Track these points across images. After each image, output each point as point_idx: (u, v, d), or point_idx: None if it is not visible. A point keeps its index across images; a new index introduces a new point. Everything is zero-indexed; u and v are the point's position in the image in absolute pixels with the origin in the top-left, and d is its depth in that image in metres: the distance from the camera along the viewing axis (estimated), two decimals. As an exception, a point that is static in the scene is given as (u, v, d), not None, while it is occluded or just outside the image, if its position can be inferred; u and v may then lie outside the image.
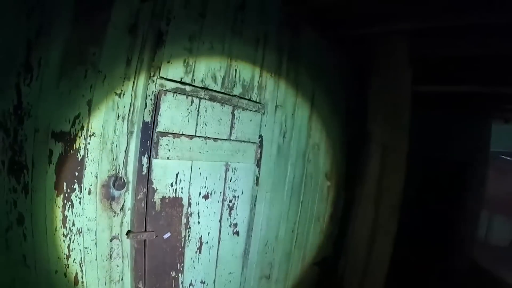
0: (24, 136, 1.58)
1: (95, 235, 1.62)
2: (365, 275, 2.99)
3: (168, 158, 1.74)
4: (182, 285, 1.98)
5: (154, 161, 1.70)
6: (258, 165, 2.31)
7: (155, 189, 1.74)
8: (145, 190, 1.70)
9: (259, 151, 2.30)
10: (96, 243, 1.63)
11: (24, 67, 1.59)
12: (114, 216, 1.68)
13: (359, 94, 3.16)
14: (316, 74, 2.77)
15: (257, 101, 2.27)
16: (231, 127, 2.07)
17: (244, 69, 2.17)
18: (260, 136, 2.30)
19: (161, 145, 1.71)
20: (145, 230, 1.74)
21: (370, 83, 3.05)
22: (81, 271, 1.60)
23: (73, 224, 1.56)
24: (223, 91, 2.03)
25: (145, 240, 1.74)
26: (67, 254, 1.57)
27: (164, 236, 1.81)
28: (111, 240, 1.68)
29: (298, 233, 2.82)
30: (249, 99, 2.20)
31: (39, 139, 1.56)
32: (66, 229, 1.56)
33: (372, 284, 2.99)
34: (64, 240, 1.56)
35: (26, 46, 1.61)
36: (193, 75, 1.87)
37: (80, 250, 1.59)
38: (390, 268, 2.91)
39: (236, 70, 2.11)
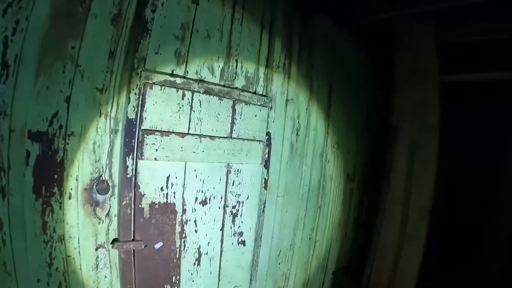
0: (0, 137, 1.48)
1: (78, 243, 1.49)
2: (391, 285, 2.68)
3: (155, 159, 1.57)
4: (180, 300, 1.81)
5: (140, 162, 1.54)
6: (267, 166, 2.08)
7: (143, 193, 1.58)
8: (131, 194, 1.54)
9: (266, 150, 2.07)
10: (79, 252, 1.50)
11: (0, 65, 1.50)
12: (99, 223, 1.54)
13: (383, 87, 2.82)
14: (333, 65, 2.49)
15: (263, 94, 2.04)
16: (232, 123, 1.87)
17: (248, 59, 1.97)
18: (268, 134, 2.07)
19: (146, 144, 1.54)
20: (133, 239, 1.58)
21: (394, 74, 2.74)
22: (65, 281, 1.48)
23: (54, 231, 1.44)
24: (222, 83, 1.83)
25: (133, 250, 1.58)
26: (49, 262, 1.45)
27: (155, 246, 1.64)
28: (96, 249, 1.54)
29: (316, 240, 2.54)
30: (253, 92, 1.98)
31: (15, 140, 1.44)
32: (46, 236, 1.43)
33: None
34: (45, 247, 1.44)
35: (3, 43, 1.51)
36: (186, 67, 1.69)
37: (63, 259, 1.47)
38: (419, 277, 2.59)
39: (237, 60, 1.91)
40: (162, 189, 1.63)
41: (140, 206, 1.58)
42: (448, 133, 2.63)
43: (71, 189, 1.45)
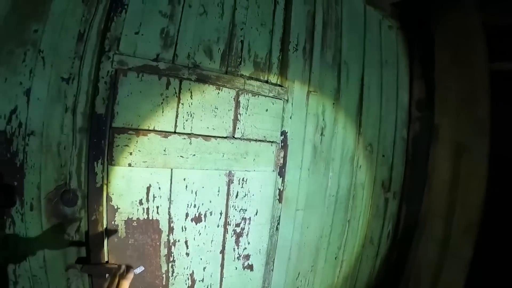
0: (-48, 137, 1.28)
1: (44, 261, 1.26)
2: None
3: (129, 165, 1.27)
4: (171, 334, 1.51)
5: (112, 168, 1.25)
6: (281, 173, 1.71)
7: (116, 207, 1.29)
8: (101, 208, 1.26)
9: (281, 154, 1.69)
10: (46, 271, 1.27)
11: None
12: (69, 239, 1.28)
13: (425, 78, 2.31)
14: (366, 50, 2.05)
15: (277, 83, 1.67)
16: (235, 119, 1.52)
17: (257, 40, 1.61)
18: (283, 133, 1.69)
19: (117, 146, 1.25)
20: (106, 262, 1.30)
21: (434, 61, 2.29)
22: (32, 303, 1.25)
23: (16, 246, 1.22)
24: (224, 69, 1.50)
25: (106, 275, 1.30)
26: (14, 280, 1.24)
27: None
28: (66, 270, 1.30)
29: (343, 259, 2.12)
30: (264, 81, 1.62)
31: (-31, 140, 1.24)
32: (8, 251, 1.22)
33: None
34: (8, 264, 1.23)
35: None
36: (175, 50, 1.38)
37: (29, 278, 1.26)
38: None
39: (242, 42, 1.56)
40: (141, 203, 1.33)
41: (113, 222, 1.29)
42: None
43: (32, 199, 1.22)
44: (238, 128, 1.53)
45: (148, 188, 1.33)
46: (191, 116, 1.39)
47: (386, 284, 2.45)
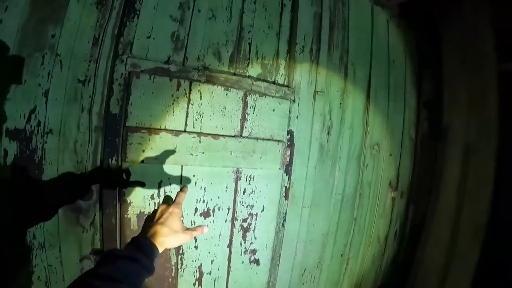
0: (-22, 135, 1.37)
1: (60, 252, 1.35)
2: None
3: (142, 162, 1.35)
4: (180, 325, 1.58)
5: (125, 165, 1.33)
6: (288, 171, 1.77)
7: (129, 202, 1.37)
8: (115, 202, 1.34)
9: (288, 152, 1.75)
10: (61, 262, 1.36)
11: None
12: (83, 232, 1.37)
13: (433, 77, 2.32)
14: (374, 51, 2.08)
15: (284, 84, 1.73)
16: (243, 119, 1.58)
17: (264, 42, 1.67)
18: (290, 132, 1.75)
19: (131, 143, 1.33)
20: (120, 254, 1.38)
21: (443, 61, 2.30)
22: (46, 292, 1.34)
23: (34, 237, 1.30)
24: (232, 71, 1.56)
25: (119, 266, 1.38)
26: (30, 270, 1.32)
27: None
28: (81, 260, 1.38)
29: (350, 257, 2.16)
30: (271, 82, 1.68)
31: (-7, 138, 1.34)
32: (26, 242, 1.31)
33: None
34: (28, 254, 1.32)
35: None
36: (185, 52, 1.45)
37: (45, 267, 1.34)
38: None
39: (250, 44, 1.62)
40: (152, 197, 1.41)
41: (126, 216, 1.37)
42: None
43: (51, 193, 1.30)
44: (245, 128, 1.59)
45: (160, 184, 1.41)
46: (200, 115, 1.46)
47: (392, 283, 2.47)
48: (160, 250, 0.85)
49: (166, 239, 0.87)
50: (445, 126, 2.32)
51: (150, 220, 0.96)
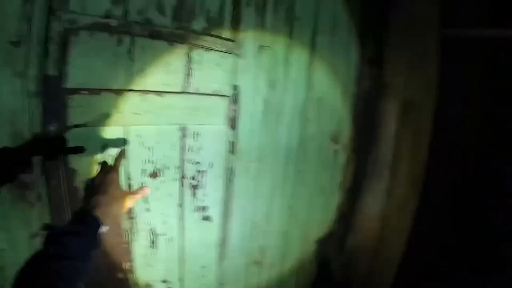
0: None
1: (10, 232, 1.26)
2: (377, 254, 2.63)
3: (85, 126, 1.29)
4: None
5: (66, 131, 1.26)
6: (233, 126, 1.81)
7: (74, 169, 1.31)
8: (59, 172, 1.28)
9: (233, 107, 1.79)
10: (13, 243, 1.27)
11: None
12: (31, 207, 1.28)
13: (376, 38, 2.50)
14: (319, 6, 2.13)
15: (230, 38, 1.72)
16: (187, 74, 1.56)
17: (209, -5, 1.61)
18: (235, 87, 1.78)
19: (71, 107, 1.24)
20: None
21: (388, 21, 2.46)
22: (3, 278, 1.26)
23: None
24: (175, 25, 1.50)
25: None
26: None
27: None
28: (32, 237, 1.30)
29: (296, 208, 2.37)
30: (216, 36, 1.66)
31: None
32: None
33: (385, 264, 2.65)
34: None
35: None
36: (125, 6, 1.33)
37: None
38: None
39: (195, -4, 1.55)
40: (98, 163, 1.36)
41: (73, 185, 1.32)
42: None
43: (-11, 168, 1.17)
44: (190, 83, 1.57)
45: (104, 147, 1.36)
46: (144, 72, 1.41)
47: (338, 230, 2.75)
48: (105, 220, 0.86)
49: (108, 208, 0.89)
50: (385, 83, 2.52)
51: (90, 191, 0.96)
